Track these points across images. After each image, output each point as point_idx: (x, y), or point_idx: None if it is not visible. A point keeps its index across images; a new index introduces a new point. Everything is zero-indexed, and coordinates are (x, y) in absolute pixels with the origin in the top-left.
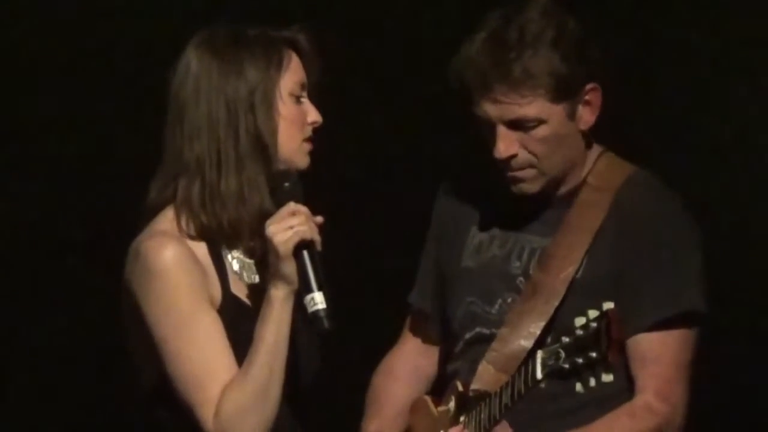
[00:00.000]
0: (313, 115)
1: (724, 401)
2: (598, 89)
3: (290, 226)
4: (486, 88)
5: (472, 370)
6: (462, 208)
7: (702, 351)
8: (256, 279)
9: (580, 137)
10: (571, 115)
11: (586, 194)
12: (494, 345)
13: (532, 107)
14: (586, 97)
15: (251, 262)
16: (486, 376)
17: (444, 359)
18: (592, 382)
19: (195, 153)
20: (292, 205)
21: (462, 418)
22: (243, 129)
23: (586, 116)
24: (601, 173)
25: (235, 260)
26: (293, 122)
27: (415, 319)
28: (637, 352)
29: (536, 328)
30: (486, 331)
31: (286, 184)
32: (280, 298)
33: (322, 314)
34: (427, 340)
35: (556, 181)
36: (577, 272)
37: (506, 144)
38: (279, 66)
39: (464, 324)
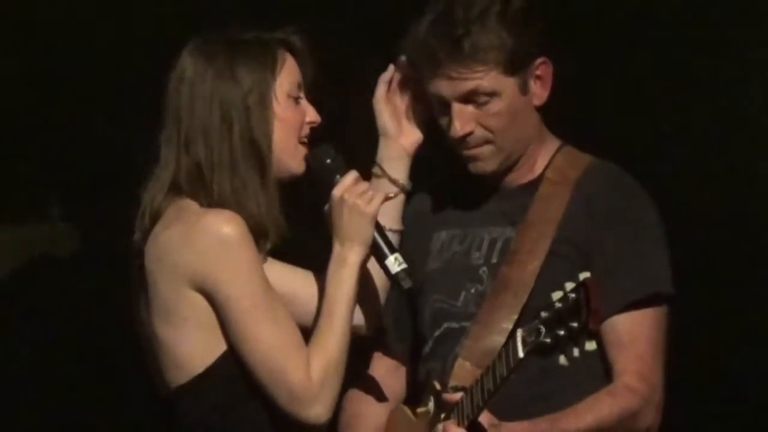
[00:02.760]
0: (312, 115)
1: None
2: (548, 63)
3: (364, 191)
4: (437, 66)
5: (445, 369)
6: (423, 219)
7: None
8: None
9: (534, 115)
10: (524, 89)
11: (546, 188)
12: (467, 342)
13: (484, 80)
14: (537, 72)
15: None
16: (462, 372)
17: (415, 364)
18: (576, 352)
19: (192, 159)
20: (354, 173)
21: (443, 416)
22: (237, 134)
23: (539, 91)
24: (560, 167)
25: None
26: (290, 124)
27: (379, 338)
28: (612, 334)
29: (508, 322)
30: (455, 325)
31: (328, 161)
32: (355, 262)
33: (404, 274)
34: (392, 358)
35: (512, 161)
36: (543, 263)
37: (462, 121)
38: (273, 68)
39: (432, 322)
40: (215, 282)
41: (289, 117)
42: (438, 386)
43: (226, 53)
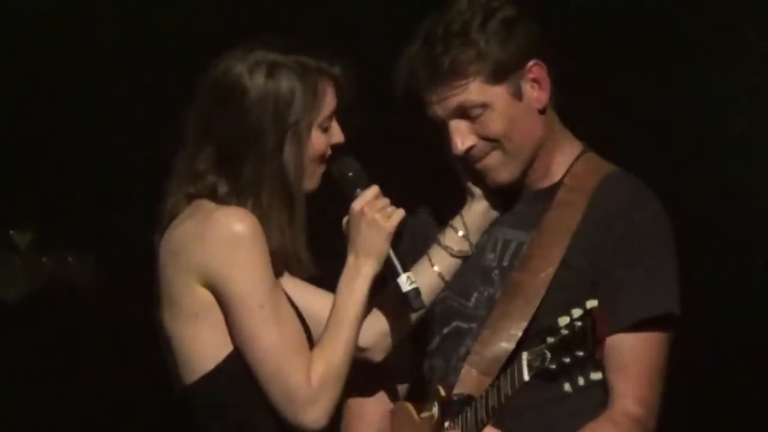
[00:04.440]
0: (337, 137)
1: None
2: (541, 65)
3: (384, 206)
4: (425, 90)
5: (448, 368)
6: (435, 218)
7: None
8: None
9: (537, 117)
10: (517, 95)
11: (564, 194)
12: (476, 347)
13: (467, 92)
14: (530, 75)
15: None
16: (468, 379)
17: (419, 356)
18: (581, 381)
19: (218, 179)
20: (376, 188)
21: (447, 424)
22: (268, 165)
23: (537, 93)
24: (579, 174)
25: None
26: (316, 153)
27: None
28: (614, 354)
29: (518, 329)
30: (464, 325)
31: (350, 174)
32: (369, 275)
33: (415, 294)
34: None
35: (526, 166)
36: (556, 272)
37: (460, 136)
38: (313, 104)
39: (441, 319)
40: (223, 278)
41: (317, 147)
42: (443, 392)
43: (271, 77)
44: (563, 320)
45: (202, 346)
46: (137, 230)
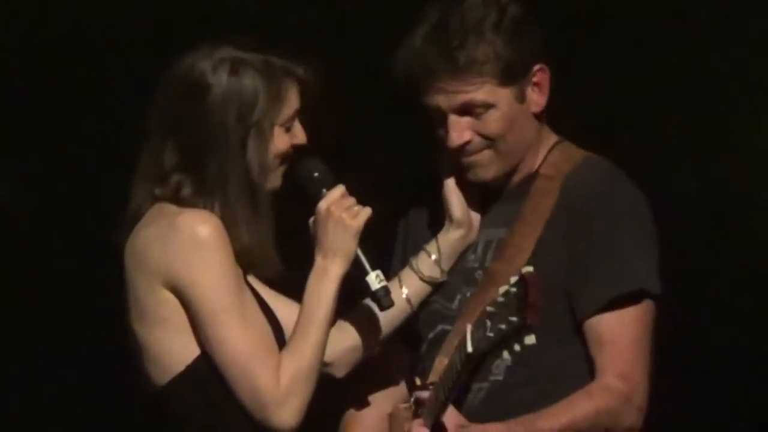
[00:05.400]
0: (300, 137)
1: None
2: (545, 70)
3: (350, 205)
4: (433, 78)
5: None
6: (423, 222)
7: None
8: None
9: (532, 120)
10: (520, 98)
11: (539, 184)
12: (450, 338)
13: (480, 92)
14: (534, 79)
15: None
16: (440, 366)
17: (413, 361)
18: (517, 347)
19: (177, 168)
20: (342, 188)
21: (420, 411)
22: (230, 156)
23: (536, 98)
24: (554, 162)
25: None
26: (277, 151)
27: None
28: (593, 334)
29: None
30: (448, 327)
31: (316, 174)
32: (337, 275)
33: (384, 292)
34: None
35: (511, 168)
36: (530, 259)
37: (458, 131)
38: (276, 104)
39: (427, 324)
40: (186, 282)
41: (278, 146)
42: (418, 382)
43: (234, 75)
44: (502, 288)
45: (171, 349)
46: None
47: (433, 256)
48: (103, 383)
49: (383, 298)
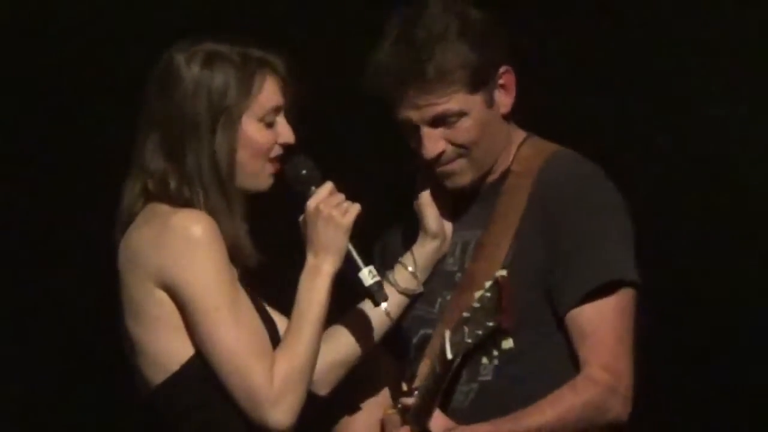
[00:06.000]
0: (285, 136)
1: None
2: (510, 71)
3: (339, 202)
4: (403, 92)
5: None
6: (398, 236)
7: None
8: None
9: (502, 122)
10: (490, 102)
11: (512, 181)
12: (433, 341)
13: (451, 102)
14: (501, 81)
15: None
16: (425, 371)
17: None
18: (494, 351)
19: (161, 165)
20: (330, 185)
21: (406, 417)
22: (203, 151)
23: (504, 99)
24: (524, 158)
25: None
26: (258, 148)
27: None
28: (574, 327)
29: None
30: (430, 331)
31: (304, 171)
32: (329, 273)
33: (377, 287)
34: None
35: (485, 170)
36: (506, 258)
37: (432, 143)
38: (248, 92)
39: (411, 329)
40: (179, 282)
41: (257, 140)
42: (405, 388)
43: (205, 68)
44: (477, 293)
45: (165, 348)
46: None
47: (410, 268)
48: (100, 382)
49: (377, 293)
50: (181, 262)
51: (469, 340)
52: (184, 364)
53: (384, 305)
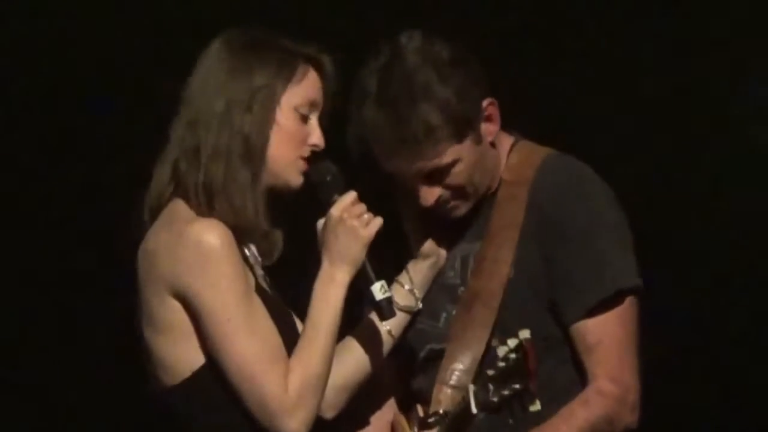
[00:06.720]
0: (316, 138)
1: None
2: (492, 102)
3: (361, 213)
4: (393, 155)
5: (431, 391)
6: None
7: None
8: (261, 272)
9: (490, 148)
10: (478, 140)
11: (504, 190)
12: (445, 363)
13: (444, 157)
14: (486, 113)
15: (260, 258)
16: (441, 396)
17: (406, 374)
18: (520, 413)
19: (194, 142)
20: (354, 194)
21: None
22: (236, 128)
23: (490, 128)
24: (515, 166)
25: (250, 254)
26: (290, 137)
27: None
28: (579, 340)
29: (484, 334)
30: (437, 346)
31: (328, 178)
32: (344, 282)
33: (387, 303)
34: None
35: (482, 193)
36: (510, 272)
37: (428, 194)
38: (288, 78)
39: (416, 344)
40: (191, 291)
41: (290, 129)
42: (421, 413)
43: (248, 50)
44: (501, 350)
45: (178, 354)
46: None
47: (406, 286)
48: (112, 383)
49: (386, 309)
50: (194, 272)
51: (495, 399)
52: (196, 371)
53: (386, 326)
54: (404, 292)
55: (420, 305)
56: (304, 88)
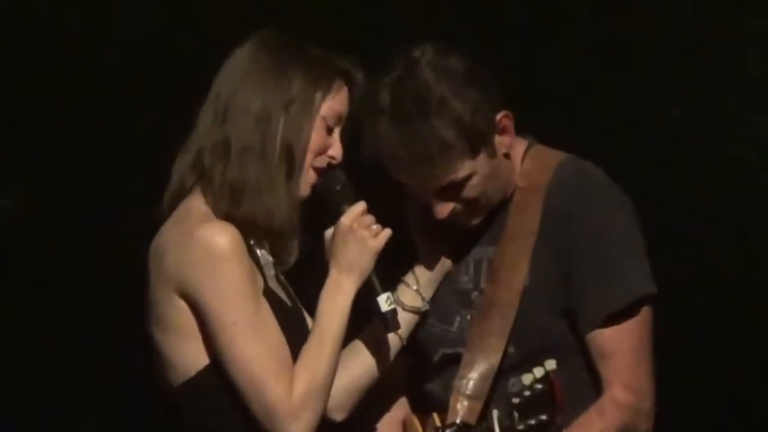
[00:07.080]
0: (336, 150)
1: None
2: (506, 115)
3: (370, 223)
4: (407, 171)
5: (443, 395)
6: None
7: None
8: (272, 273)
9: (504, 159)
10: (492, 153)
11: (519, 197)
12: (461, 372)
13: (459, 172)
14: (500, 126)
15: (271, 259)
16: (459, 407)
17: (418, 376)
18: None
19: (222, 135)
20: (363, 204)
21: None
22: (272, 130)
23: (504, 141)
24: (529, 172)
25: (261, 255)
26: (315, 146)
27: None
28: (594, 348)
29: (500, 343)
30: (450, 350)
31: (338, 187)
32: (351, 291)
33: (392, 315)
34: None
35: (496, 202)
36: (526, 280)
37: (442, 207)
38: (327, 90)
39: (428, 347)
40: (198, 294)
41: (316, 139)
42: (438, 422)
43: (285, 54)
44: (527, 378)
45: (183, 354)
46: None
47: (413, 287)
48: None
49: (391, 321)
50: (201, 273)
51: (521, 428)
52: (200, 371)
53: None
54: (411, 292)
55: (427, 306)
56: (336, 102)
